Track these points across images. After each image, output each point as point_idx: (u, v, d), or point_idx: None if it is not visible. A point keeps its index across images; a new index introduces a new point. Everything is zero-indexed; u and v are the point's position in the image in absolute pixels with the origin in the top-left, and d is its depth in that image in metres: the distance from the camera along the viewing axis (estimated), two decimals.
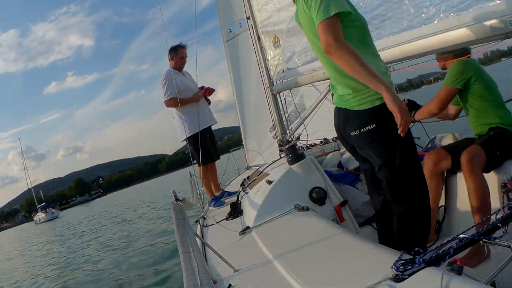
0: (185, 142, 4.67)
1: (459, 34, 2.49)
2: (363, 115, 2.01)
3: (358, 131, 2.03)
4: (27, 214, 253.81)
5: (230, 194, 4.73)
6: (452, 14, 2.57)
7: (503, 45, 2.53)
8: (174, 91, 4.49)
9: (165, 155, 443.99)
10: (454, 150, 2.73)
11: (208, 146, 4.69)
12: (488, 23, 2.30)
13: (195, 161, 4.69)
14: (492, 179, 2.63)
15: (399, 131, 1.85)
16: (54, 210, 76.90)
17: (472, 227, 1.45)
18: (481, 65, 2.84)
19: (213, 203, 4.53)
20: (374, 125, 1.99)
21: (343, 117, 2.11)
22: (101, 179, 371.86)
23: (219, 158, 5.03)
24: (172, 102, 4.55)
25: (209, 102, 4.86)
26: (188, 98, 4.61)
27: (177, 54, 4.74)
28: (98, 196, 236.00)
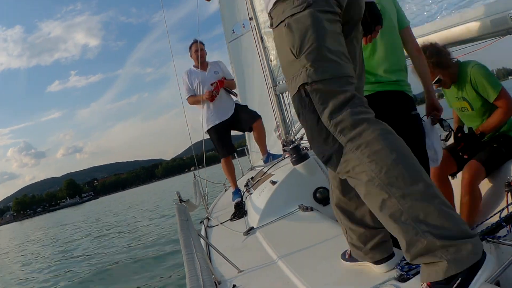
0: (183, 148, 4.72)
1: (461, 31, 2.49)
2: (413, 100, 2.23)
3: (416, 112, 2.20)
4: (15, 214, 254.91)
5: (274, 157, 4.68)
6: (453, 11, 2.57)
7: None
8: (189, 89, 4.68)
9: (163, 160, 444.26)
10: (459, 154, 2.74)
11: (225, 139, 4.69)
12: (489, 19, 2.30)
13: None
14: (496, 177, 2.62)
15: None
16: None
17: (476, 226, 1.44)
18: None
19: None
20: (418, 112, 2.22)
21: (399, 98, 2.16)
22: (96, 181, 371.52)
23: (233, 152, 5.08)
24: (190, 100, 4.72)
25: (234, 94, 4.85)
26: (197, 96, 4.66)
27: (191, 50, 4.81)
28: (89, 199, 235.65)
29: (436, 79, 2.69)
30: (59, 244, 17.84)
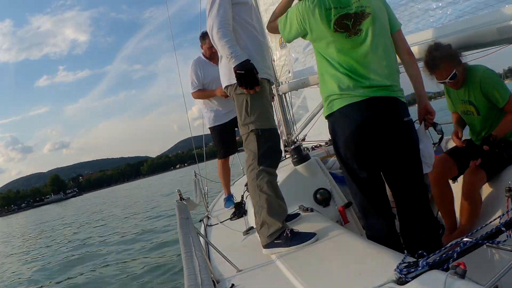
0: (169, 146, 4.49)
1: (467, 38, 2.48)
2: (406, 106, 2.22)
3: (409, 118, 2.19)
4: None
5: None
6: (459, 17, 2.57)
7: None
8: (199, 83, 4.23)
9: (148, 158, 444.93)
10: (460, 157, 2.73)
11: (228, 139, 4.35)
12: (495, 26, 2.29)
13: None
14: (497, 182, 2.62)
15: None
16: None
17: (476, 230, 1.44)
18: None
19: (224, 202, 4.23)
20: (411, 118, 2.21)
21: (391, 105, 2.14)
22: (81, 177, 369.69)
23: (233, 153, 4.58)
24: (196, 94, 4.29)
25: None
26: (209, 91, 4.23)
27: (205, 42, 4.25)
28: (73, 196, 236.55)
29: (452, 73, 2.61)
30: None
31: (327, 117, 2.26)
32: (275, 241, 2.21)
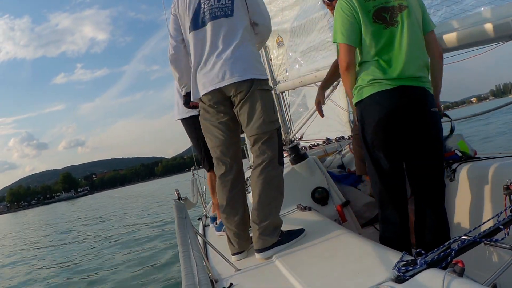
0: (185, 148, 3.96)
1: (462, 36, 2.49)
2: (433, 97, 2.25)
3: (435, 109, 2.22)
4: (8, 205, 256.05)
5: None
6: (454, 16, 2.57)
7: None
8: None
9: (164, 158, 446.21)
10: None
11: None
12: (491, 24, 2.30)
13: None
14: (495, 180, 2.62)
15: None
16: None
17: (474, 229, 1.45)
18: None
19: (215, 222, 3.28)
20: (437, 109, 2.24)
21: (420, 94, 2.18)
22: (94, 176, 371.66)
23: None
24: None
25: None
26: None
27: None
28: (85, 194, 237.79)
29: None
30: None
31: (356, 104, 2.27)
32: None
